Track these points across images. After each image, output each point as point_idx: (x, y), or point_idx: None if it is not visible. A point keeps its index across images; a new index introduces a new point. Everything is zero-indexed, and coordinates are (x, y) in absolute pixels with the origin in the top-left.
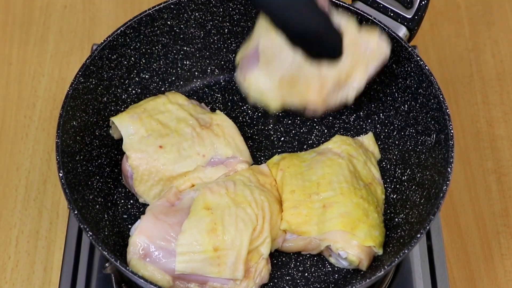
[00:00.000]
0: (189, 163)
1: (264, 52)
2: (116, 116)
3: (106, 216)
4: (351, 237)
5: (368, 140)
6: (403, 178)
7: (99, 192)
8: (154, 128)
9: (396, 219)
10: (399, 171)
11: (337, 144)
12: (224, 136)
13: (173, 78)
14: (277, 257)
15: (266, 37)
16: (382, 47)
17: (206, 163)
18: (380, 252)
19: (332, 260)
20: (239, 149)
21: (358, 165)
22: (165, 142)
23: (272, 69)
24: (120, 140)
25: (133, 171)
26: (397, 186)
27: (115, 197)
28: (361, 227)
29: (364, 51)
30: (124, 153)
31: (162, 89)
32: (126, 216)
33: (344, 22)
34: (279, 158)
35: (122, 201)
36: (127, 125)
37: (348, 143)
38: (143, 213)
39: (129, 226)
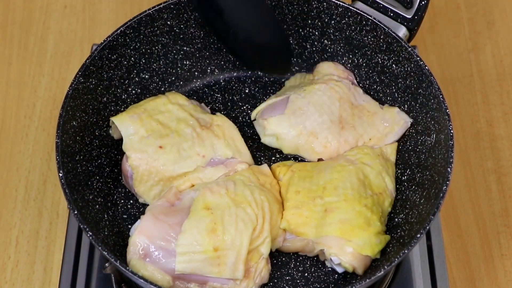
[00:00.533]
0: (189, 164)
1: (293, 103)
2: (116, 116)
3: (106, 216)
4: (347, 244)
5: (392, 149)
6: (403, 178)
7: (99, 192)
8: (154, 128)
9: (396, 219)
10: (399, 171)
11: (354, 152)
12: (224, 137)
13: (173, 78)
14: (277, 257)
15: (299, 92)
16: (403, 116)
17: (206, 164)
18: (377, 256)
19: (327, 264)
20: (239, 151)
21: (371, 174)
22: (165, 142)
23: (296, 120)
24: (120, 140)
25: (133, 171)
26: (397, 186)
27: (115, 197)
28: (361, 235)
29: (386, 123)
30: (124, 153)
31: (162, 89)
32: (126, 216)
33: (368, 100)
34: (293, 162)
35: (122, 201)
36: (127, 125)
37: (365, 152)
38: (143, 213)
39: (129, 226)
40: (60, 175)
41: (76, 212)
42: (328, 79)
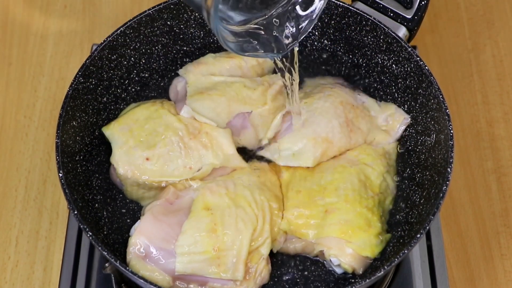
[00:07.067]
0: (175, 175)
1: (297, 117)
2: (107, 127)
3: (105, 213)
4: (347, 245)
5: (393, 148)
6: (404, 175)
7: (98, 189)
8: (143, 139)
9: (397, 217)
10: (399, 168)
11: (356, 152)
12: (212, 147)
13: (172, 74)
14: (278, 256)
15: (301, 106)
16: (401, 113)
17: (193, 174)
18: (377, 256)
19: (327, 265)
20: (228, 159)
21: (373, 174)
22: (152, 154)
23: (307, 130)
24: None
25: (122, 183)
26: (398, 183)
27: (114, 192)
28: (361, 236)
29: (386, 121)
30: None
31: (162, 84)
32: (124, 211)
33: (365, 99)
34: None
35: (121, 195)
36: (117, 137)
37: (368, 152)
38: (141, 207)
39: (128, 221)
40: (60, 175)
41: (76, 212)
42: (322, 88)
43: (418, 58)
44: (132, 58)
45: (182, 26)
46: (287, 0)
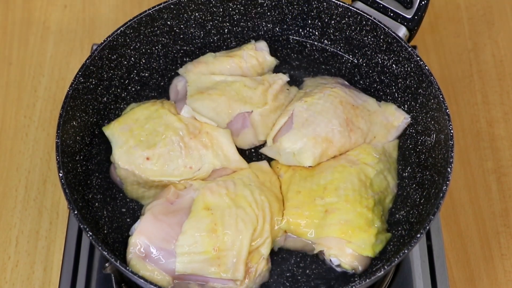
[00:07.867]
0: (176, 175)
1: (299, 116)
2: (107, 127)
3: (105, 212)
4: (347, 245)
5: (393, 146)
6: (404, 174)
7: (98, 188)
8: (143, 138)
9: (397, 215)
10: (400, 167)
11: (356, 151)
12: (212, 147)
13: (173, 74)
14: (278, 253)
15: (301, 105)
16: (401, 112)
17: (193, 173)
18: (377, 256)
19: (327, 262)
20: (228, 159)
21: (372, 174)
22: (152, 153)
23: (307, 130)
24: None
25: (122, 182)
26: (399, 181)
27: (114, 191)
28: (361, 236)
29: (386, 120)
30: None
31: (162, 83)
32: (124, 210)
33: (366, 98)
34: None
35: (121, 194)
36: (117, 137)
37: (368, 151)
38: (141, 206)
39: (128, 220)
40: (60, 175)
41: (76, 212)
42: (322, 88)
43: (418, 58)
44: (132, 58)
45: (182, 26)
46: None
